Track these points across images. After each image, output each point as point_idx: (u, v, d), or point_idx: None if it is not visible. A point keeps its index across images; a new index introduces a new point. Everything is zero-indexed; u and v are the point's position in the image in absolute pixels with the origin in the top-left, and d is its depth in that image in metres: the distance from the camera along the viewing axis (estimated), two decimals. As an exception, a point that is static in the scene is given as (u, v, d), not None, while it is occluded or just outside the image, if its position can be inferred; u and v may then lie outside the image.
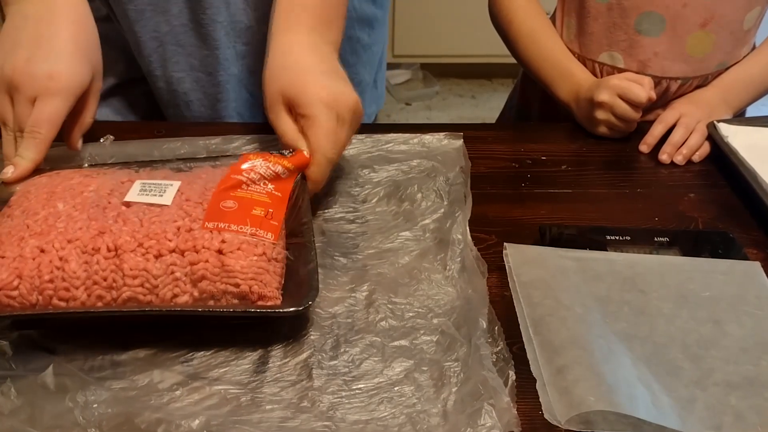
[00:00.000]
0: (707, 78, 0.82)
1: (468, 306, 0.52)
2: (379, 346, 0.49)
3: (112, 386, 0.45)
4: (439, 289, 0.54)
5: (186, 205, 0.51)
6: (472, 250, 0.57)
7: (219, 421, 0.43)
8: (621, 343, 0.49)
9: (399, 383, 0.47)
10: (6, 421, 0.43)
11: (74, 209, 0.50)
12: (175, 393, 0.45)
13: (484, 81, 2.62)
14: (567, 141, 0.77)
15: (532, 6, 0.86)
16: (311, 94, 0.58)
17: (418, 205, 0.63)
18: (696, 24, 0.78)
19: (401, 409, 0.45)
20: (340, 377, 0.47)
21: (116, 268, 0.47)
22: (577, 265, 0.56)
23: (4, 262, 0.47)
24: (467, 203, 0.62)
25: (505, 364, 0.47)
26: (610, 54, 0.83)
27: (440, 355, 0.49)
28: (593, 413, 0.44)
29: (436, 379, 0.47)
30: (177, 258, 0.48)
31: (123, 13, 0.75)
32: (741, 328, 0.51)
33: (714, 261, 0.58)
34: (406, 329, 0.51)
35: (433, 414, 0.45)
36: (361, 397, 0.46)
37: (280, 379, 0.47)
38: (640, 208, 0.66)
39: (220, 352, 0.49)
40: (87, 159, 0.65)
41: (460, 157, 0.69)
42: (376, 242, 0.59)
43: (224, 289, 0.48)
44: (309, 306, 0.48)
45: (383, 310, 0.52)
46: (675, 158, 0.73)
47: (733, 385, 0.47)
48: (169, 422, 0.43)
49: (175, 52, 0.77)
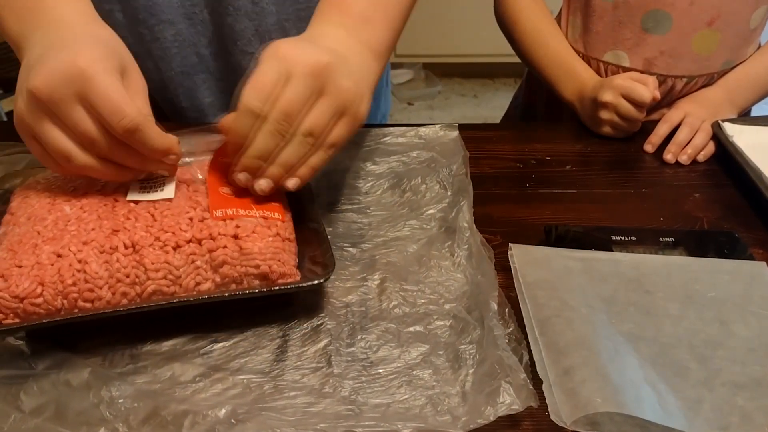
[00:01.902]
0: (713, 77, 0.82)
1: (478, 290, 0.53)
2: (395, 332, 0.50)
3: (135, 381, 0.46)
4: (449, 275, 0.55)
5: (195, 195, 0.52)
6: (477, 236, 0.58)
7: (245, 409, 0.44)
8: (627, 344, 0.49)
9: (417, 367, 0.48)
10: (31, 419, 0.43)
11: (82, 210, 0.50)
12: (198, 384, 0.46)
13: (486, 80, 2.62)
14: (571, 141, 0.77)
15: (537, 6, 0.86)
16: (267, 50, 0.50)
17: (423, 195, 0.64)
18: (703, 22, 0.77)
19: (421, 392, 0.46)
20: (358, 363, 0.48)
21: (137, 264, 0.47)
22: (583, 266, 0.56)
23: (23, 271, 0.46)
24: (469, 190, 0.63)
25: (518, 344, 0.48)
26: (615, 53, 0.82)
27: (455, 339, 0.49)
28: (600, 414, 0.44)
29: (452, 362, 0.48)
30: (195, 247, 0.49)
31: (146, 52, 0.74)
32: (748, 329, 0.51)
33: (720, 261, 0.57)
34: (419, 315, 0.52)
35: (453, 395, 0.45)
36: (381, 381, 0.47)
37: (301, 366, 0.48)
38: (645, 208, 0.66)
39: (239, 343, 0.49)
40: None
41: (458, 148, 0.69)
42: (383, 231, 0.60)
43: (245, 271, 0.49)
44: (329, 277, 0.49)
45: (395, 298, 0.53)
46: (680, 158, 0.73)
47: (740, 385, 0.47)
48: (196, 413, 0.43)
49: (204, 79, 0.77)
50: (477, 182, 0.66)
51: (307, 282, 0.49)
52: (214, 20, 0.73)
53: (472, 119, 2.37)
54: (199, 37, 0.74)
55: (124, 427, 0.43)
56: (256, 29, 0.73)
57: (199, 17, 0.73)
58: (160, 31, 0.72)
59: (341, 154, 0.68)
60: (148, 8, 0.70)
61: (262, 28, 0.73)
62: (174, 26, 0.72)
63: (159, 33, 0.72)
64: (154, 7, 0.70)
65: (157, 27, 0.72)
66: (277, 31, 0.74)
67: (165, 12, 0.71)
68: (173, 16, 0.72)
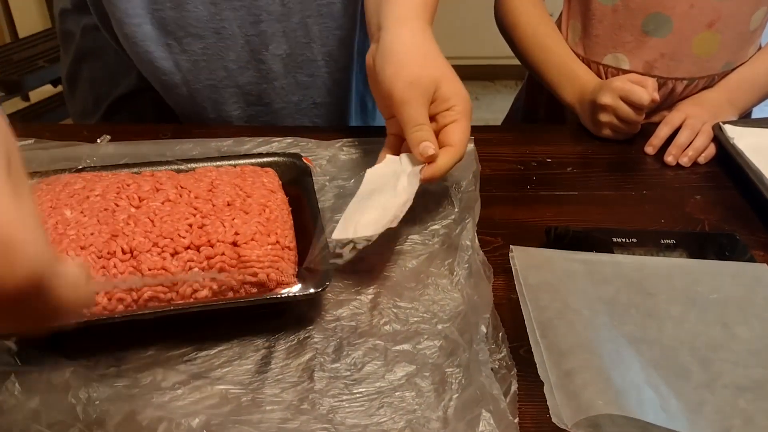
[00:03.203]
0: (713, 78, 0.82)
1: (473, 312, 0.52)
2: (382, 350, 0.49)
3: (115, 384, 0.46)
4: (445, 294, 0.54)
5: (195, 202, 0.52)
6: (479, 255, 0.57)
7: (219, 420, 0.44)
8: (629, 347, 0.49)
9: (400, 388, 0.46)
10: (9, 416, 0.43)
11: (82, 215, 0.50)
12: (177, 392, 0.46)
13: (487, 83, 2.62)
14: (572, 143, 0.77)
15: (536, 10, 0.86)
16: (458, 89, 0.57)
17: (428, 210, 0.63)
18: (703, 24, 0.77)
19: (401, 415, 0.45)
20: (341, 380, 0.47)
21: (134, 270, 0.47)
22: (584, 268, 0.56)
23: None
24: (476, 208, 0.62)
25: (507, 372, 0.47)
26: (615, 56, 0.82)
27: (443, 360, 0.48)
28: (601, 417, 0.44)
29: (437, 385, 0.47)
30: (193, 254, 0.48)
31: (175, 64, 0.74)
32: (749, 331, 0.51)
33: (721, 263, 0.57)
34: (410, 333, 0.50)
35: (433, 420, 0.44)
36: (362, 401, 0.46)
37: (282, 380, 0.47)
38: (646, 210, 0.66)
39: (224, 352, 0.49)
40: (85, 160, 0.64)
41: (471, 162, 0.68)
42: (384, 244, 0.58)
43: (242, 279, 0.48)
44: (324, 289, 0.49)
45: (387, 314, 0.52)
46: (680, 160, 0.73)
47: (742, 387, 0.47)
48: (170, 420, 0.43)
49: (232, 93, 0.78)
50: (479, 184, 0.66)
51: (302, 292, 0.49)
52: (244, 32, 0.73)
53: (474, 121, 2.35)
54: (228, 51, 0.74)
55: (98, 429, 0.42)
56: (283, 30, 0.74)
57: (228, 31, 0.73)
58: (189, 44, 0.72)
59: (349, 161, 0.68)
60: (177, 21, 0.71)
61: (289, 28, 0.74)
62: (203, 40, 0.73)
63: (187, 46, 0.73)
64: (182, 20, 0.71)
65: (185, 40, 0.72)
66: (301, 29, 0.74)
67: (194, 26, 0.71)
68: (202, 30, 0.72)
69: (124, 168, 0.59)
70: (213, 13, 0.71)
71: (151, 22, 0.71)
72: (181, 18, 0.70)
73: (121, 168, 0.60)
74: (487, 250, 0.58)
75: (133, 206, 0.51)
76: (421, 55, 0.58)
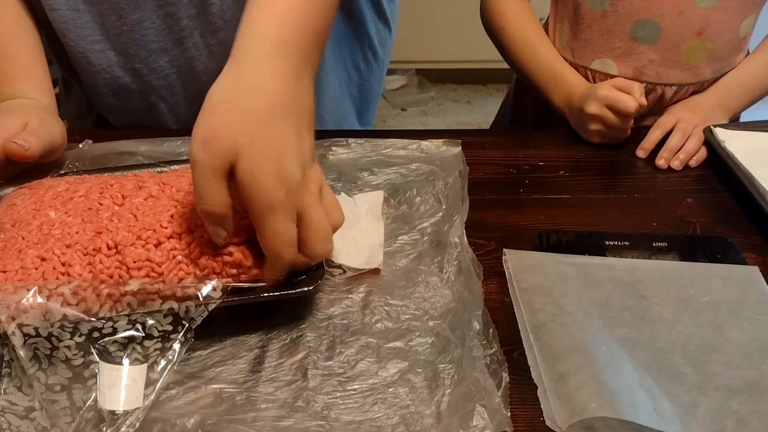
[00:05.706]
0: (703, 84, 0.82)
1: (463, 308, 0.52)
2: (375, 348, 0.50)
3: None
4: (436, 291, 0.54)
5: (177, 195, 0.52)
6: (468, 252, 0.57)
7: (214, 420, 0.43)
8: (622, 349, 0.49)
9: (393, 384, 0.47)
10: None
11: (66, 215, 0.51)
12: (171, 392, 0.46)
13: (479, 86, 2.63)
14: (564, 146, 0.77)
15: (524, 13, 0.86)
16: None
17: (417, 209, 0.63)
18: (692, 32, 0.78)
19: (395, 410, 0.45)
20: (335, 378, 0.47)
21: (120, 264, 0.47)
22: (577, 271, 0.56)
23: (8, 276, 0.46)
24: (464, 207, 0.63)
25: (498, 367, 0.47)
26: (604, 61, 0.83)
27: (435, 357, 0.49)
28: (595, 419, 0.44)
29: (430, 381, 0.47)
30: (176, 242, 0.49)
31: (149, 87, 0.73)
32: (742, 333, 0.51)
33: (713, 266, 0.58)
34: (402, 331, 0.51)
35: (427, 415, 0.45)
36: (356, 398, 0.46)
37: (276, 378, 0.47)
38: (638, 213, 0.66)
39: (217, 352, 0.49)
40: (67, 165, 0.65)
41: (458, 162, 0.69)
42: None
43: (222, 260, 0.49)
44: (317, 286, 0.49)
45: (379, 312, 0.52)
46: (672, 163, 0.73)
47: (734, 389, 0.47)
48: (165, 421, 0.43)
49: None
50: (471, 187, 0.66)
51: (294, 290, 0.49)
52: (206, 41, 0.73)
53: (466, 125, 2.38)
54: (195, 62, 0.73)
55: (93, 430, 0.42)
56: None
57: (191, 40, 0.72)
58: (155, 60, 0.72)
59: (337, 161, 0.68)
60: (136, 41, 0.70)
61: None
62: (167, 53, 0.72)
63: (154, 62, 0.72)
64: (142, 39, 0.70)
65: (150, 58, 0.71)
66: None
67: (155, 41, 0.71)
68: (164, 44, 0.71)
69: (107, 171, 0.60)
70: (170, 25, 0.71)
71: (112, 47, 0.71)
72: (140, 38, 0.70)
73: (103, 171, 0.60)
74: (480, 254, 0.58)
75: (116, 204, 0.52)
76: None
